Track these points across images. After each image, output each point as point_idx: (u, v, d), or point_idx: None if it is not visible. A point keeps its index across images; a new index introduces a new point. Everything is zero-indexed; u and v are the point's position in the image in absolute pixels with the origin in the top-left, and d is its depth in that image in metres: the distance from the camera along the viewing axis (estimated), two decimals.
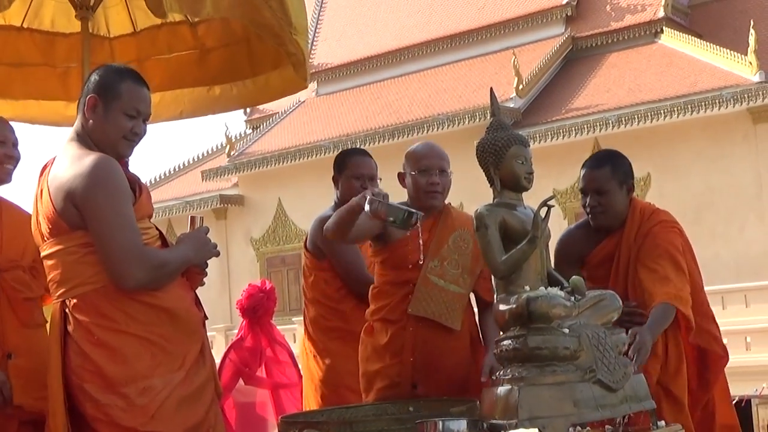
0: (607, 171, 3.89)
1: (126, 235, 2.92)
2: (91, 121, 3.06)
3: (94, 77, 3.12)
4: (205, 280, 3.24)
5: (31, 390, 3.28)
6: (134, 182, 3.08)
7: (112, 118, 3.05)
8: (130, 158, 3.20)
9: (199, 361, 3.06)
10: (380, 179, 4.46)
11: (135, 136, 3.10)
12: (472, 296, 3.88)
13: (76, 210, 2.92)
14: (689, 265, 3.88)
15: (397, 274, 3.72)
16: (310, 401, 4.37)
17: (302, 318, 4.62)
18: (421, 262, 3.63)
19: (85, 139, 3.07)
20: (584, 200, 3.94)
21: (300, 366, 4.75)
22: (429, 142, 3.95)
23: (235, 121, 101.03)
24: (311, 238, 4.43)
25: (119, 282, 2.92)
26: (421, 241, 3.54)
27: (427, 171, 3.72)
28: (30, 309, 3.47)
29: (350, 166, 4.43)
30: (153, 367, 2.93)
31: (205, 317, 3.19)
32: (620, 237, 3.89)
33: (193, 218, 3.23)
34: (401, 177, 3.83)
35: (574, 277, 3.11)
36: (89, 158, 2.96)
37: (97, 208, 2.91)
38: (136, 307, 2.95)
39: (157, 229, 3.15)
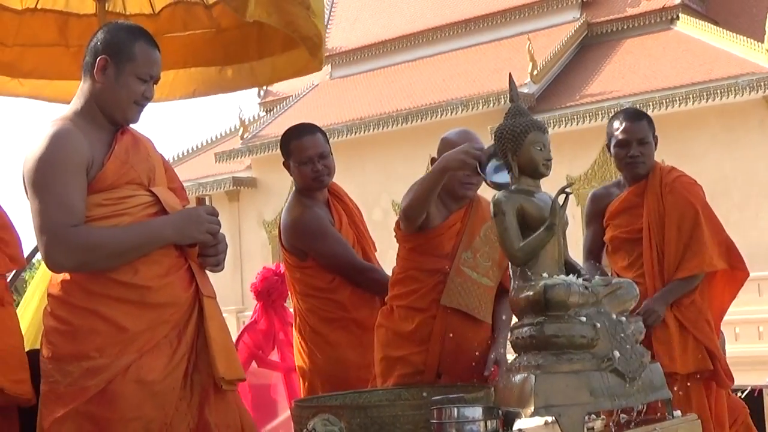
0: (646, 123, 4.27)
1: (49, 215, 2.69)
2: (99, 84, 2.84)
3: (103, 36, 2.88)
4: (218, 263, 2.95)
5: (7, 372, 2.98)
6: (102, 148, 2.81)
7: (124, 81, 2.84)
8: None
9: (162, 348, 2.79)
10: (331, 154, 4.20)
11: (146, 101, 2.90)
12: None
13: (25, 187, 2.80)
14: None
15: (427, 261, 3.64)
16: (317, 392, 4.10)
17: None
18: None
19: (90, 105, 2.86)
20: (623, 151, 4.23)
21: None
22: (465, 130, 3.79)
23: (248, 103, 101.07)
24: (288, 240, 4.19)
25: (47, 266, 2.76)
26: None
27: None
28: None
29: (294, 151, 4.18)
30: (103, 347, 2.71)
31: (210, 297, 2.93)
32: (645, 188, 4.24)
33: (199, 199, 2.98)
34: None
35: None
36: (45, 132, 2.77)
37: (30, 186, 2.75)
38: (96, 279, 2.75)
39: (152, 195, 2.88)
